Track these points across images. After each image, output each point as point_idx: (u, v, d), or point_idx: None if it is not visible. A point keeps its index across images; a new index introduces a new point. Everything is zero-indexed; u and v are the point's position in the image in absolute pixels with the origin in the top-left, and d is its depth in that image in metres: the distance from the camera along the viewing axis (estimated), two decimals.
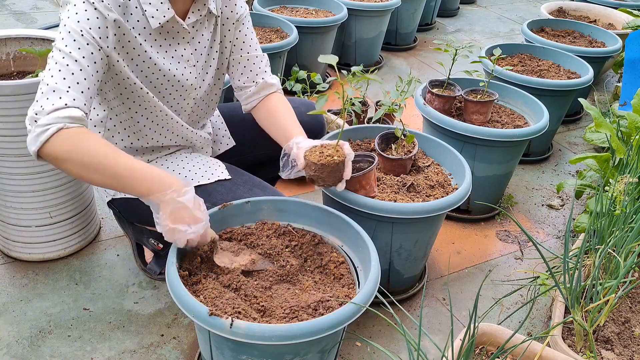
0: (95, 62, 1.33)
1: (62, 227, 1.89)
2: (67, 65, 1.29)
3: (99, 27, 1.33)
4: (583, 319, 1.45)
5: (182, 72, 1.55)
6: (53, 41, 1.86)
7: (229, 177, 1.63)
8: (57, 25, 3.70)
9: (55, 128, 1.24)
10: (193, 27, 1.54)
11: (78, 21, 1.31)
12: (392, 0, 3.46)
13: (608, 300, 1.41)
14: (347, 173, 1.51)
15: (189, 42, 1.54)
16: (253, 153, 1.87)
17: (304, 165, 1.49)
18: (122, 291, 1.84)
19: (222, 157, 1.85)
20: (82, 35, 1.31)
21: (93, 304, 1.78)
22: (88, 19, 1.32)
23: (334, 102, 3.11)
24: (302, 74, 2.66)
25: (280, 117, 1.67)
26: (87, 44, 1.31)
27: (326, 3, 3.41)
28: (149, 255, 1.91)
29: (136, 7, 1.40)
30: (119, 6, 1.37)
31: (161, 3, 1.42)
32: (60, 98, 1.27)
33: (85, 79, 1.31)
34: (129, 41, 1.41)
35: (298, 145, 1.53)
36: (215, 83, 1.69)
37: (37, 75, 1.81)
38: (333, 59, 1.43)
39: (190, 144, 1.72)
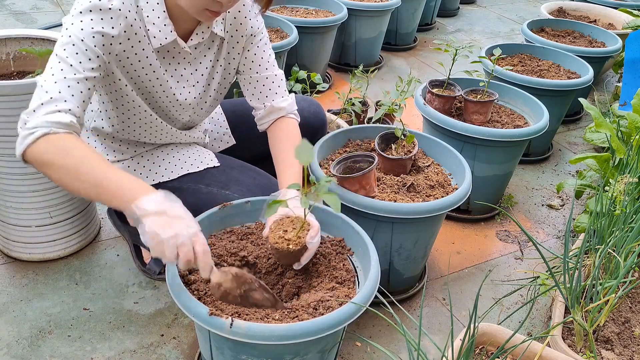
0: (92, 68, 1.31)
1: (62, 227, 1.89)
2: (62, 70, 1.28)
3: (102, 35, 1.32)
4: (583, 319, 1.45)
5: (180, 92, 1.55)
6: (54, 41, 1.88)
7: (218, 164, 1.64)
8: (57, 25, 3.70)
9: (41, 132, 1.21)
10: (195, 48, 1.52)
11: (82, 29, 1.30)
12: (392, 0, 3.46)
13: (608, 300, 1.41)
14: (304, 259, 1.37)
15: (190, 62, 1.53)
16: (255, 148, 1.87)
17: (266, 236, 1.39)
18: (122, 291, 1.84)
19: (222, 153, 1.86)
20: (83, 40, 1.30)
21: (93, 304, 1.78)
22: (92, 28, 1.30)
23: (333, 102, 3.11)
24: (302, 74, 2.65)
25: (280, 157, 1.59)
26: (86, 50, 1.30)
27: (326, 3, 3.41)
28: (147, 255, 1.91)
29: (140, 27, 1.38)
30: (124, 22, 1.35)
31: (164, 25, 1.41)
32: (51, 99, 1.25)
33: (78, 82, 1.29)
34: (127, 57, 1.41)
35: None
36: (216, 98, 1.68)
37: (37, 75, 1.81)
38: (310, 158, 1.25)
39: (180, 143, 1.73)
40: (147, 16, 1.39)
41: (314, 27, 3.08)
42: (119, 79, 1.44)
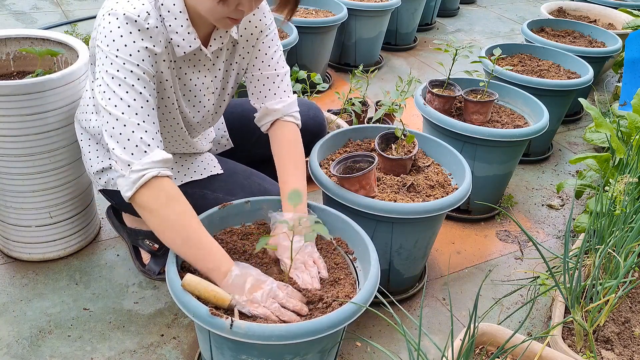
0: (154, 89, 1.34)
1: (62, 227, 1.89)
2: (135, 99, 1.28)
3: (149, 56, 1.32)
4: (583, 319, 1.45)
5: (199, 100, 1.55)
6: (54, 41, 1.88)
7: (221, 171, 1.64)
8: (58, 25, 3.70)
9: (150, 175, 1.27)
10: (213, 53, 1.51)
11: (130, 54, 1.29)
12: (392, 0, 3.46)
13: (608, 300, 1.41)
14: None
15: (210, 68, 1.52)
16: (254, 151, 1.87)
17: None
18: (122, 291, 1.84)
19: (220, 155, 1.85)
20: (139, 65, 1.29)
21: (93, 304, 1.78)
22: (139, 51, 1.30)
23: (333, 102, 3.11)
24: (302, 74, 2.65)
25: (280, 174, 1.57)
26: (144, 73, 1.30)
27: (326, 3, 3.41)
28: (146, 256, 1.91)
29: (163, 34, 1.37)
30: (163, 39, 1.36)
31: (188, 33, 1.39)
32: (141, 138, 1.28)
33: (153, 109, 1.32)
34: (160, 71, 1.41)
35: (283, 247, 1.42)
36: (228, 101, 1.67)
37: (37, 75, 1.81)
38: None
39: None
40: (170, 25, 1.37)
41: (314, 27, 3.07)
42: (159, 83, 1.44)
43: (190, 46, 1.41)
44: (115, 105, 1.28)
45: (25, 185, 1.76)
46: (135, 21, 1.29)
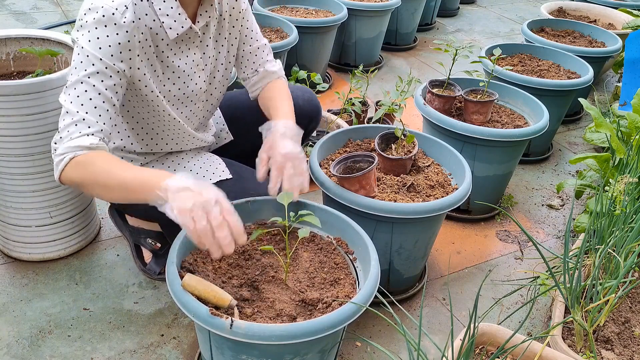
0: (114, 84, 1.34)
1: (62, 227, 1.89)
2: (86, 91, 1.31)
3: (120, 52, 1.33)
4: (583, 319, 1.45)
5: (192, 78, 1.55)
6: (54, 41, 1.88)
7: (230, 176, 1.64)
8: (58, 25, 3.71)
9: (68, 158, 1.29)
10: (200, 29, 1.52)
11: (100, 47, 1.30)
12: (392, 0, 3.46)
13: (608, 300, 1.41)
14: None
15: (198, 45, 1.54)
16: (251, 142, 1.86)
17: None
18: (122, 291, 1.84)
19: (221, 148, 1.85)
20: (101, 60, 1.31)
21: (93, 304, 1.78)
22: (110, 46, 1.31)
23: (333, 102, 3.11)
24: (302, 73, 2.65)
25: (272, 104, 1.68)
26: (106, 68, 1.32)
27: (326, 3, 3.41)
28: (147, 255, 1.91)
29: (154, 20, 1.39)
30: (137, 33, 1.36)
31: (179, 14, 1.41)
32: (76, 125, 1.30)
33: (103, 102, 1.33)
34: (148, 58, 1.41)
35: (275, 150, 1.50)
36: (223, 84, 1.68)
37: (37, 75, 1.81)
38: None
39: (194, 148, 1.72)
40: (159, 9, 1.39)
41: (314, 27, 3.08)
42: (147, 82, 1.44)
43: (182, 27, 1.43)
44: (69, 94, 1.32)
45: (25, 185, 1.76)
46: (113, 14, 1.30)
